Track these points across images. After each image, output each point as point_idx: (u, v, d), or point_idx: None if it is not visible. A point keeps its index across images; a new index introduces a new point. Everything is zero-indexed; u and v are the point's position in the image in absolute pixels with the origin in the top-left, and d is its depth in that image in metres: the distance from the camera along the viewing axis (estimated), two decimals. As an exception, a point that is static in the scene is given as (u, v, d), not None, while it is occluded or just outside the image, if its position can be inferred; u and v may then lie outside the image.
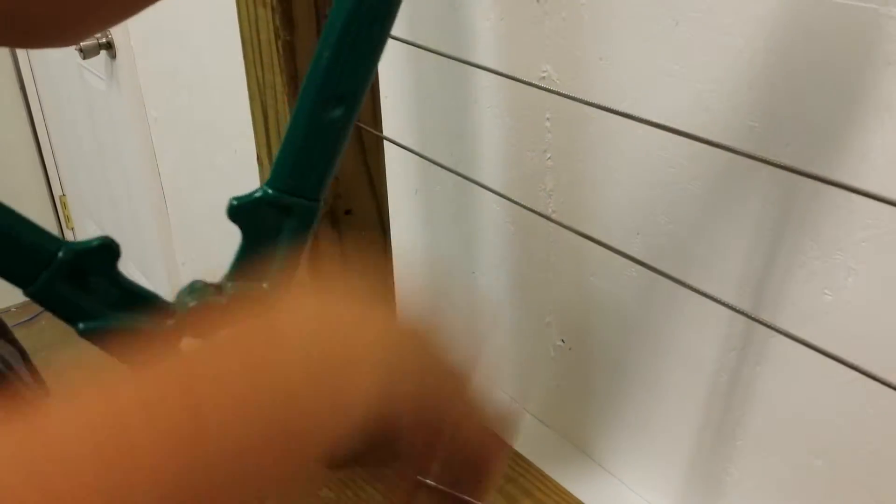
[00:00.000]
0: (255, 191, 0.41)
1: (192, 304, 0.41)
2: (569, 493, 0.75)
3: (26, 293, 0.38)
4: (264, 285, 0.41)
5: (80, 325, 0.40)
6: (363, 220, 0.72)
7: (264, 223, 0.41)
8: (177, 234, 1.87)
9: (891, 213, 0.50)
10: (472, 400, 0.36)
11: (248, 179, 0.81)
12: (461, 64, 0.81)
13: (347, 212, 0.71)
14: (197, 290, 0.42)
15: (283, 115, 0.65)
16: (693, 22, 0.59)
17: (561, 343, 0.83)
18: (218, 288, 0.42)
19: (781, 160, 0.43)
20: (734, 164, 0.60)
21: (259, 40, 0.65)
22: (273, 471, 0.27)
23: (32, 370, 0.41)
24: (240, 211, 0.41)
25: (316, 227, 0.41)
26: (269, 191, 0.40)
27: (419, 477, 0.80)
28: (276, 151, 0.68)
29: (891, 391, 0.40)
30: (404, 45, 0.85)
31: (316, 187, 0.41)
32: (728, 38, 0.57)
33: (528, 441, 0.82)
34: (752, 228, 0.60)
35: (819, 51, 0.53)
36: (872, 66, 0.50)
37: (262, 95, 0.68)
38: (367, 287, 0.37)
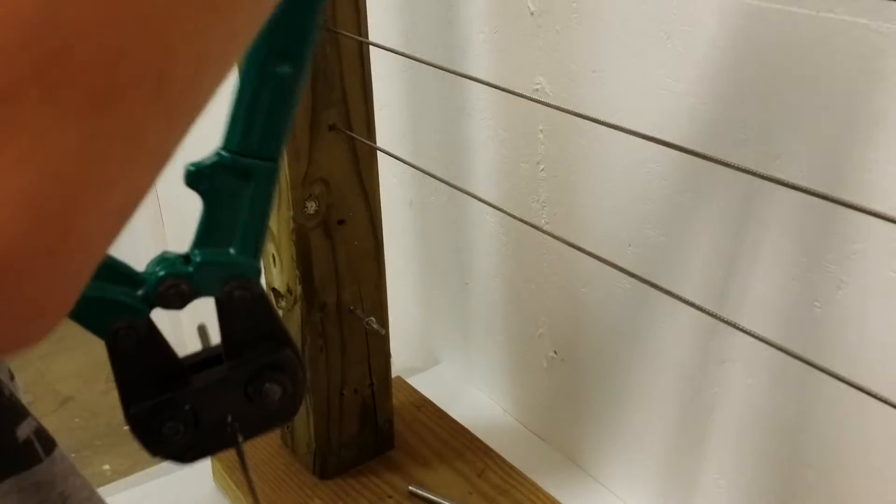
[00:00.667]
0: (211, 155, 0.40)
1: (161, 273, 0.41)
2: (559, 502, 0.75)
3: None
4: (231, 251, 0.41)
5: None
6: (356, 230, 0.72)
7: (224, 188, 0.41)
8: (172, 244, 1.87)
9: (882, 227, 0.50)
10: None
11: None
12: (455, 76, 0.81)
13: (340, 221, 0.71)
14: (165, 260, 0.42)
15: (277, 125, 0.66)
16: (684, 35, 0.59)
17: (553, 354, 0.83)
18: (186, 258, 0.42)
19: (773, 174, 0.43)
20: (725, 177, 0.60)
21: (253, 50, 0.65)
22: None
23: None
24: (198, 177, 0.40)
25: (275, 190, 0.41)
26: (225, 154, 0.40)
27: (410, 487, 0.79)
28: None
29: (882, 405, 0.40)
30: (399, 57, 0.85)
31: (272, 148, 0.41)
32: (719, 52, 0.58)
33: (520, 452, 0.82)
34: (743, 241, 0.61)
35: (811, 65, 0.53)
36: (865, 81, 0.50)
37: (256, 105, 0.68)
38: None
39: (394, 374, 0.82)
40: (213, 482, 0.82)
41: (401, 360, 0.92)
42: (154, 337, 0.42)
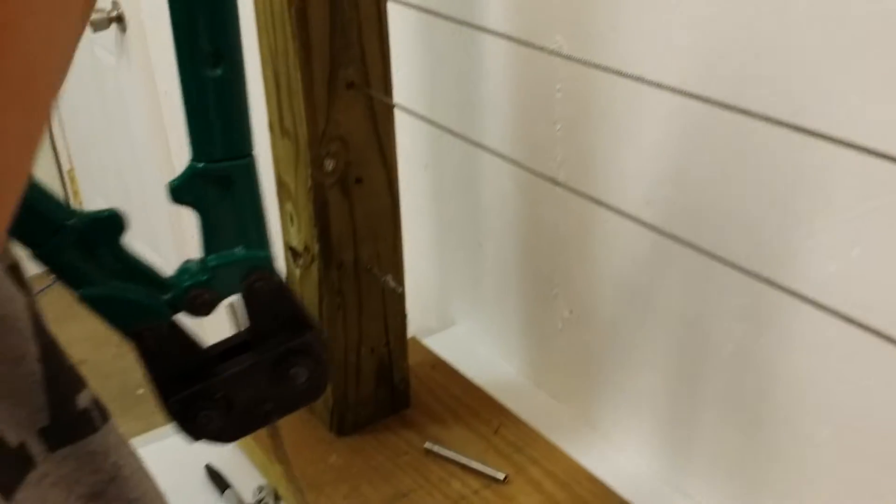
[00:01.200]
0: (185, 168, 0.41)
1: (185, 283, 0.42)
2: (575, 461, 0.76)
3: (35, 254, 0.39)
4: (238, 249, 0.42)
5: (81, 291, 0.41)
6: (374, 189, 0.72)
7: (208, 195, 0.42)
8: (185, 209, 1.87)
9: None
10: None
11: (259, 148, 0.82)
12: (472, 35, 0.81)
13: (358, 180, 0.71)
14: (188, 270, 0.43)
15: (296, 82, 0.66)
16: (706, -9, 0.59)
17: (568, 314, 0.84)
18: (202, 263, 0.43)
19: (794, 123, 0.43)
20: (744, 131, 0.60)
21: (272, 7, 0.65)
22: None
23: None
24: (179, 192, 0.42)
25: (259, 180, 0.42)
26: (198, 165, 0.41)
27: (426, 445, 0.80)
28: (287, 118, 0.69)
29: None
30: (415, 16, 0.85)
31: (238, 145, 0.42)
32: (738, 5, 0.57)
33: (534, 412, 0.83)
34: (759, 199, 0.61)
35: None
36: None
37: (274, 62, 0.68)
38: None
39: (409, 334, 0.83)
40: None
41: (416, 322, 0.93)
42: (177, 335, 0.43)
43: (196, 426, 0.46)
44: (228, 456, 0.81)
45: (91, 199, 2.71)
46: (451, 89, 0.89)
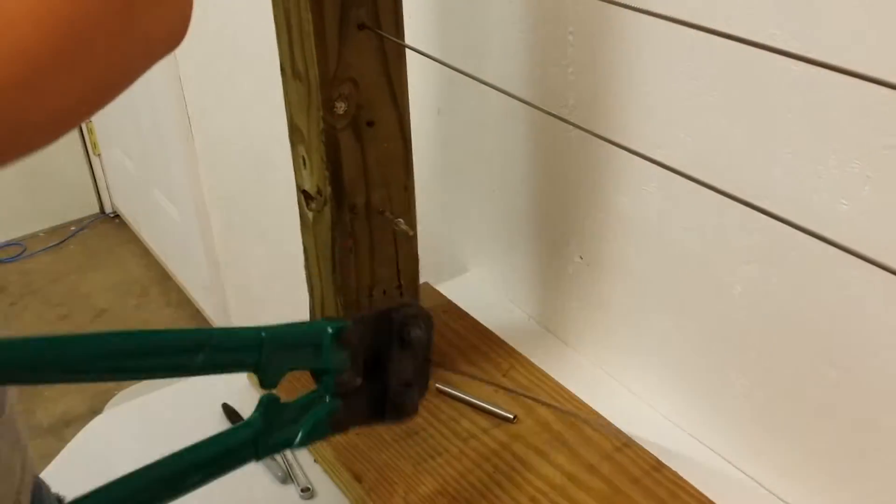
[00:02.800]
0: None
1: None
2: (582, 401, 0.77)
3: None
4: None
5: None
6: (385, 132, 0.73)
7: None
8: (202, 159, 1.88)
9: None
10: None
11: (270, 93, 0.82)
12: (485, -23, 0.81)
13: (370, 123, 0.71)
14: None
15: (307, 23, 0.66)
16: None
17: (579, 259, 0.84)
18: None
19: (805, 55, 0.43)
20: (755, 70, 0.60)
21: (282, -53, 0.65)
22: None
23: None
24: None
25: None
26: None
27: (437, 384, 0.82)
28: (298, 60, 0.69)
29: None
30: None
31: None
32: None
33: (545, 356, 0.84)
34: (769, 138, 0.61)
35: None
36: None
37: (285, 3, 0.68)
38: None
39: (421, 281, 0.84)
40: (246, 379, 0.85)
41: (427, 269, 0.94)
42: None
43: (406, 411, 0.56)
44: (244, 394, 0.83)
45: (110, 152, 2.73)
46: (463, 33, 0.88)
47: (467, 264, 1.03)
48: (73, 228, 2.93)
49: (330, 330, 0.51)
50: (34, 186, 2.81)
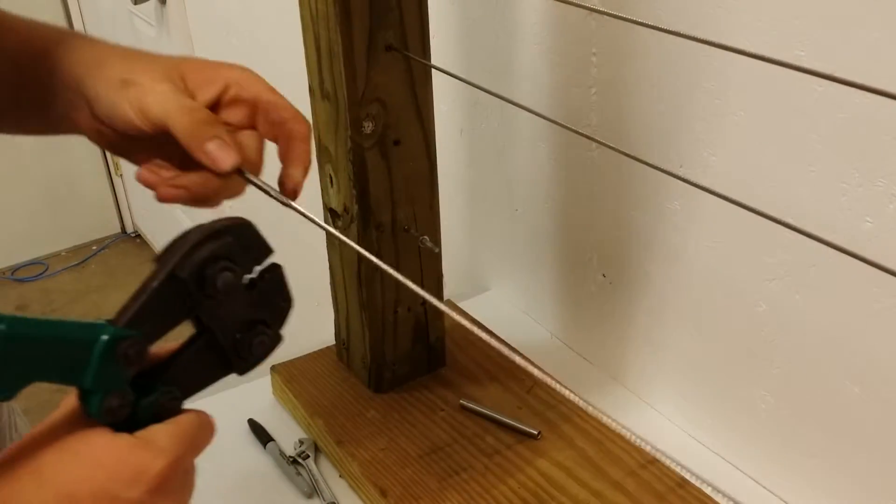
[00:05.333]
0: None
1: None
2: (608, 415, 0.77)
3: None
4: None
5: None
6: (411, 151, 0.74)
7: None
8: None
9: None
10: None
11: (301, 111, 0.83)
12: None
13: (396, 142, 0.73)
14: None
15: (336, 45, 0.67)
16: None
17: (602, 278, 0.85)
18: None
19: (832, 74, 0.44)
20: (780, 89, 0.60)
21: (313, -29, 0.66)
22: None
23: None
24: None
25: None
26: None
27: (462, 401, 0.82)
28: (327, 82, 0.70)
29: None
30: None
31: None
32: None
33: (567, 373, 0.84)
34: (794, 156, 0.61)
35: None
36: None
37: (315, 26, 0.69)
38: None
39: (444, 298, 0.84)
40: (272, 395, 0.86)
41: (450, 287, 0.94)
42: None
43: (254, 356, 0.49)
44: (270, 411, 0.84)
45: (130, 170, 2.76)
46: (487, 55, 0.90)
47: (490, 282, 1.04)
48: (94, 248, 2.96)
49: (104, 337, 0.42)
50: (56, 206, 2.84)
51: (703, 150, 0.68)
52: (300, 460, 0.77)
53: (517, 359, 0.42)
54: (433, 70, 0.72)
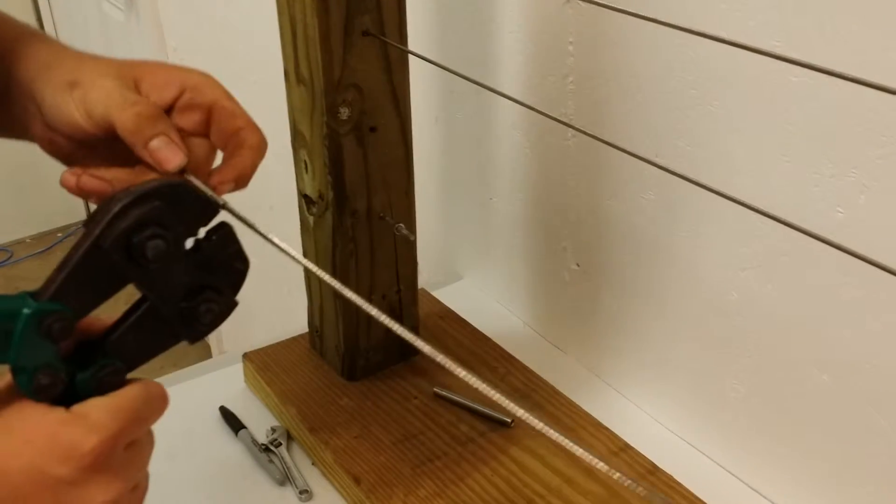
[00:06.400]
0: None
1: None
2: (580, 407, 0.77)
3: None
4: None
5: None
6: (387, 137, 0.73)
7: None
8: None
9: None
10: None
11: (272, 101, 0.83)
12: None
13: (372, 128, 0.72)
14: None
15: (312, 29, 0.67)
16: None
17: (576, 267, 0.85)
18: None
19: (810, 61, 0.44)
20: (755, 79, 0.61)
21: (289, -46, 0.66)
22: None
23: None
24: None
25: None
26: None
27: (435, 389, 0.82)
28: (303, 66, 0.70)
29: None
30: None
31: None
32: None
33: (541, 362, 0.85)
34: (768, 146, 0.62)
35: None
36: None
37: (290, 10, 0.69)
38: None
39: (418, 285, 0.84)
40: (244, 383, 0.85)
41: (423, 275, 0.94)
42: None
43: (203, 323, 0.47)
44: (242, 398, 0.83)
45: (98, 158, 2.72)
46: (463, 42, 0.90)
47: (463, 271, 1.04)
48: (59, 235, 2.91)
49: (26, 311, 0.40)
50: (21, 193, 2.79)
51: (679, 140, 0.69)
52: (272, 448, 0.76)
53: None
54: (409, 57, 0.72)
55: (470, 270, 1.03)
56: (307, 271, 0.83)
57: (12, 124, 0.54)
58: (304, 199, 0.77)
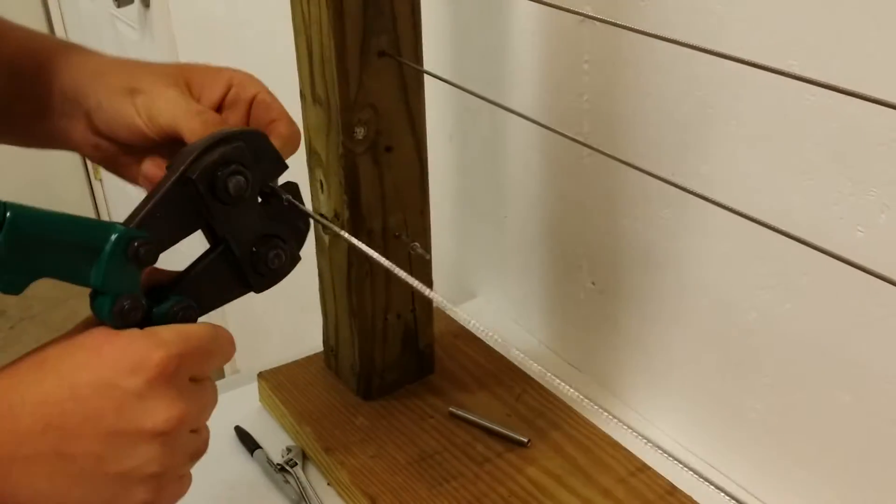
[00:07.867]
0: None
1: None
2: (596, 426, 0.77)
3: None
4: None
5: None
6: (403, 157, 0.73)
7: None
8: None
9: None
10: None
11: (292, 116, 0.83)
12: (501, 4, 0.82)
13: (388, 148, 0.72)
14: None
15: (329, 50, 0.67)
16: (736, -39, 0.60)
17: (592, 285, 0.85)
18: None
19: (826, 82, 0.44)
20: (773, 98, 0.61)
21: (306, -25, 0.66)
22: None
23: None
24: None
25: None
26: None
27: (451, 408, 0.82)
28: (319, 86, 0.70)
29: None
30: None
31: None
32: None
33: (556, 382, 0.84)
34: (786, 165, 0.62)
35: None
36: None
37: (307, 31, 0.69)
38: None
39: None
40: (258, 403, 0.85)
41: (437, 293, 0.94)
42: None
43: (270, 268, 0.49)
44: (257, 418, 0.83)
45: (111, 176, 2.73)
46: (479, 61, 0.90)
47: (477, 289, 1.04)
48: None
49: (115, 235, 0.41)
50: (35, 210, 2.81)
51: (695, 159, 0.69)
52: (288, 468, 0.76)
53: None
54: (425, 76, 0.72)
55: (484, 289, 1.03)
56: (321, 292, 0.82)
57: (50, 134, 0.57)
58: (320, 217, 0.77)
